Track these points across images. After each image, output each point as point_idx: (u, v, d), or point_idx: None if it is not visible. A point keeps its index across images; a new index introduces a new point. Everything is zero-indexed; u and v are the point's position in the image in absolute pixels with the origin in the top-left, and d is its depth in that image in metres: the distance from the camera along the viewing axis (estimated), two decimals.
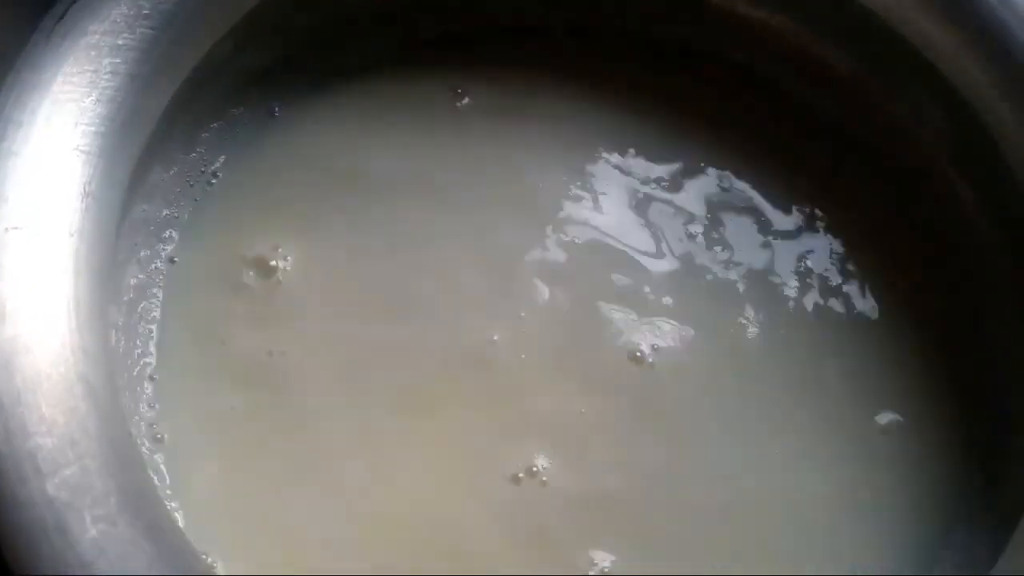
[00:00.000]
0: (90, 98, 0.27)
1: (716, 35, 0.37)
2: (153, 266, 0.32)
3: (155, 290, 0.32)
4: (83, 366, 0.24)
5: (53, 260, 0.25)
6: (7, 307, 0.23)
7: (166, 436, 0.28)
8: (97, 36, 0.28)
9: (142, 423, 0.28)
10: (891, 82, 0.34)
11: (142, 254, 0.32)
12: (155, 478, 0.26)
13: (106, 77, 0.28)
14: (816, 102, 0.36)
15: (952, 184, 0.34)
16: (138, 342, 0.30)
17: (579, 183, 0.35)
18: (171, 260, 0.32)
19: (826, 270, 0.34)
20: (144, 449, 0.27)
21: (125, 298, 0.31)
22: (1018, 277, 0.31)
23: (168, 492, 0.27)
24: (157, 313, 0.31)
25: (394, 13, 0.37)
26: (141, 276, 0.31)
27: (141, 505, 0.22)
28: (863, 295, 0.34)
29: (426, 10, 0.37)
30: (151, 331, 0.31)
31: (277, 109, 0.36)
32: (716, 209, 0.35)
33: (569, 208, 0.34)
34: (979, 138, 0.31)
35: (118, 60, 0.28)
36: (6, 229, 0.24)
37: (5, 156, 0.26)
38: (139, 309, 0.31)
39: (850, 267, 0.34)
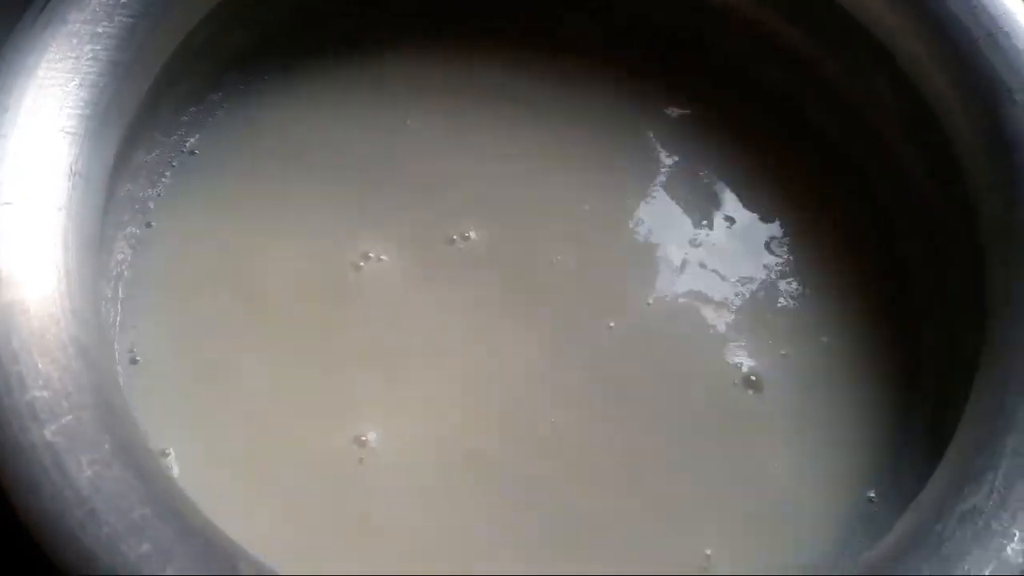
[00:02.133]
0: (73, 83, 0.29)
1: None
2: (139, 242, 0.34)
3: (142, 264, 0.34)
4: (74, 328, 0.25)
5: (43, 233, 0.26)
6: (3, 275, 0.25)
7: (151, 392, 0.30)
8: (78, 24, 0.30)
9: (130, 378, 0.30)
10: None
11: (128, 230, 0.33)
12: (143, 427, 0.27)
13: (88, 63, 0.29)
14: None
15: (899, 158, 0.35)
16: (123, 311, 0.32)
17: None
18: (155, 235, 0.34)
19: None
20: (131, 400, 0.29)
21: (114, 272, 0.33)
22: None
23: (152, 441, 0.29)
24: (143, 285, 0.33)
25: None
26: (128, 251, 0.33)
27: (131, 450, 0.24)
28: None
29: None
30: (136, 301, 0.33)
31: (254, 92, 0.37)
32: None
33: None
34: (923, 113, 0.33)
35: (99, 47, 0.30)
36: (1, 204, 0.26)
37: None
38: (125, 281, 0.33)
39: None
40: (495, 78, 0.38)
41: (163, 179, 0.35)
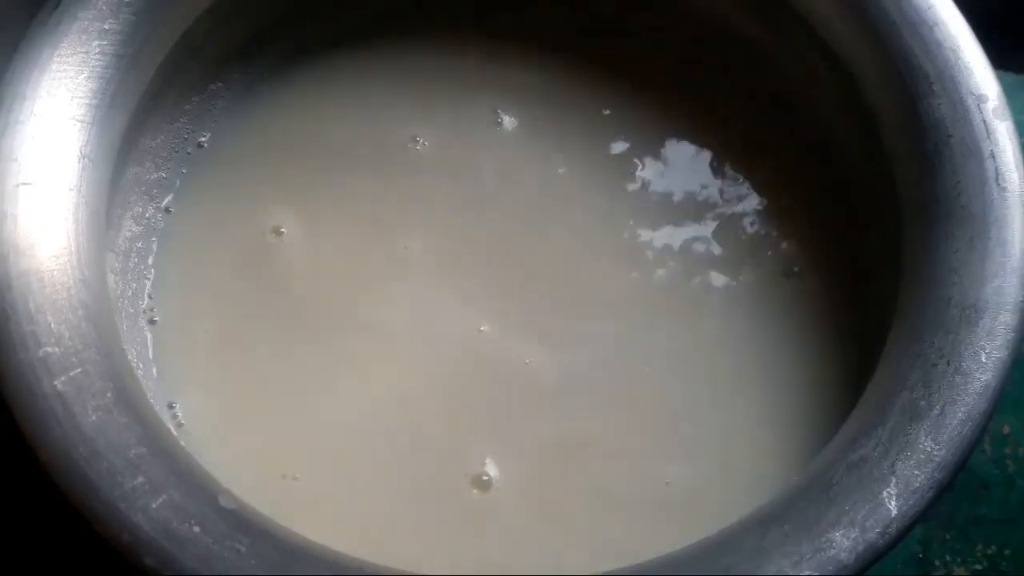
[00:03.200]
0: (82, 75, 0.32)
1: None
2: (146, 220, 0.37)
3: (150, 239, 0.37)
4: (83, 294, 0.29)
5: (56, 210, 0.30)
6: (21, 246, 0.28)
7: (159, 356, 0.34)
8: (87, 22, 0.32)
9: (140, 339, 0.34)
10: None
11: (136, 210, 0.37)
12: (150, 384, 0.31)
13: (96, 57, 0.32)
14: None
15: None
16: (133, 283, 0.36)
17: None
18: (166, 211, 0.38)
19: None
20: (134, 360, 0.32)
21: (122, 247, 0.36)
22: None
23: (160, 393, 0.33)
24: (151, 259, 0.37)
25: None
26: (136, 228, 0.37)
27: (130, 400, 0.27)
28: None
29: None
30: (146, 273, 0.36)
31: (253, 82, 0.41)
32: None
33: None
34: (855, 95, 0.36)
35: (105, 42, 0.32)
36: (17, 185, 0.29)
37: (12, 124, 0.30)
38: (134, 255, 0.36)
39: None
40: (485, 68, 0.41)
41: (168, 163, 0.38)
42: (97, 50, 0.33)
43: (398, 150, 0.39)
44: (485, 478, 0.33)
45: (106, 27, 0.33)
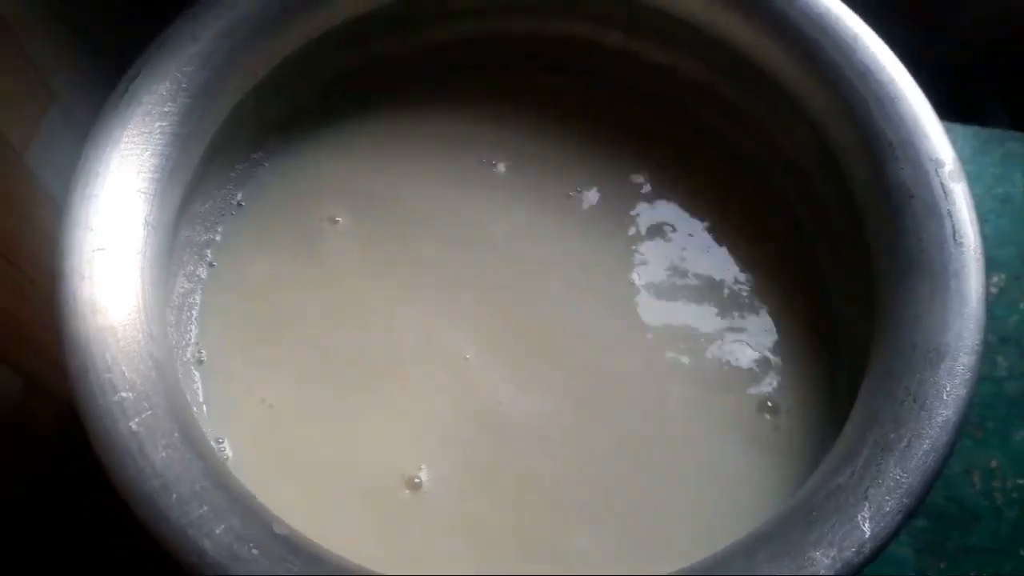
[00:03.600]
0: (147, 153, 0.36)
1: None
2: (196, 277, 0.42)
3: (197, 295, 0.41)
4: (151, 346, 0.33)
5: (126, 272, 0.33)
6: (98, 304, 0.32)
7: (208, 397, 0.38)
8: (150, 106, 0.36)
9: (192, 384, 0.38)
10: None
11: (187, 268, 0.41)
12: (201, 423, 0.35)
13: (157, 136, 0.36)
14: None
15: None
16: (185, 333, 0.40)
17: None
18: (210, 266, 0.42)
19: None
20: (192, 403, 0.36)
21: (176, 302, 0.40)
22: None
23: (210, 430, 0.37)
24: (196, 311, 0.41)
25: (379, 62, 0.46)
26: (187, 284, 0.41)
27: (194, 440, 0.31)
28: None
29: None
30: (194, 324, 0.41)
31: (291, 151, 0.45)
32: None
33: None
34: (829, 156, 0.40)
35: (165, 123, 0.36)
36: (94, 250, 0.33)
37: (88, 198, 0.34)
38: (185, 308, 0.40)
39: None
40: (485, 128, 0.46)
41: (216, 226, 0.43)
42: (159, 130, 0.37)
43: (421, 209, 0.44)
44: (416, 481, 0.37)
45: (166, 110, 0.37)
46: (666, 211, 0.44)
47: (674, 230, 0.43)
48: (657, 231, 0.43)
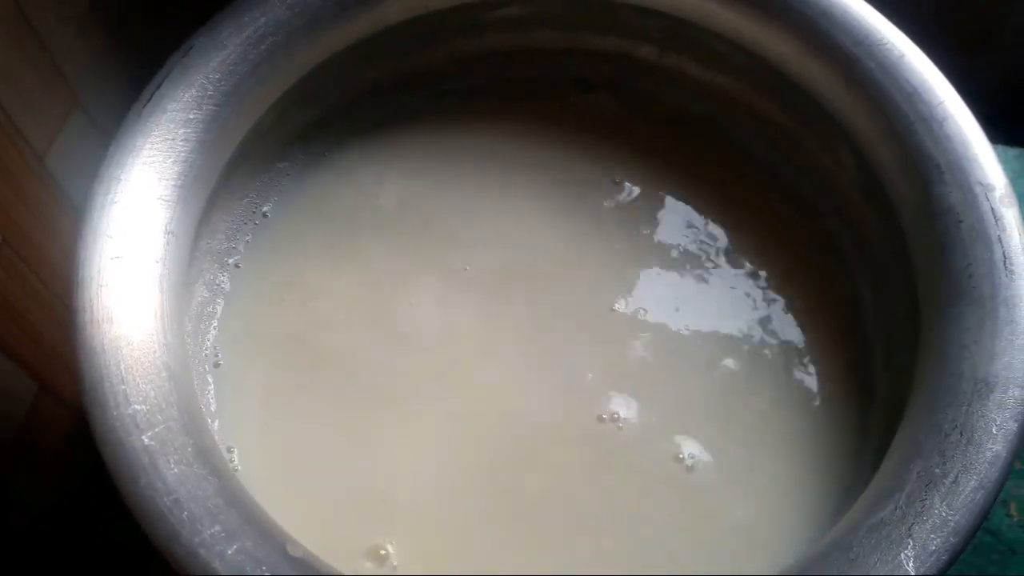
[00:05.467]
0: (169, 160, 0.35)
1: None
2: (216, 286, 0.41)
3: (216, 303, 0.41)
4: (166, 357, 0.32)
5: (144, 281, 0.33)
6: (114, 313, 0.32)
7: (221, 407, 0.37)
8: (174, 113, 0.36)
9: (207, 396, 0.37)
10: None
11: (207, 277, 0.40)
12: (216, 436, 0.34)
13: (180, 144, 0.36)
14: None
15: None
16: (201, 342, 0.39)
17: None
18: (232, 275, 0.41)
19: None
20: (208, 414, 0.35)
21: (194, 312, 0.40)
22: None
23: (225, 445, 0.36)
24: (215, 321, 0.40)
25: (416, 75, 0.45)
26: (206, 293, 0.40)
27: (208, 455, 0.30)
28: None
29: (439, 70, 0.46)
30: (211, 333, 0.40)
31: (313, 161, 0.45)
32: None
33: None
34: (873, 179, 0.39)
35: (189, 131, 0.36)
36: (111, 258, 0.33)
37: (109, 204, 0.34)
38: (204, 318, 0.40)
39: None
40: (516, 144, 0.45)
41: (238, 235, 0.42)
42: (182, 137, 0.36)
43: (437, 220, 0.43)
44: None
45: (191, 117, 0.37)
46: (695, 235, 0.42)
47: (705, 256, 0.42)
48: (687, 256, 0.42)
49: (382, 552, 0.34)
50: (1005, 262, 0.32)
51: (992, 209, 0.33)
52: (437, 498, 0.36)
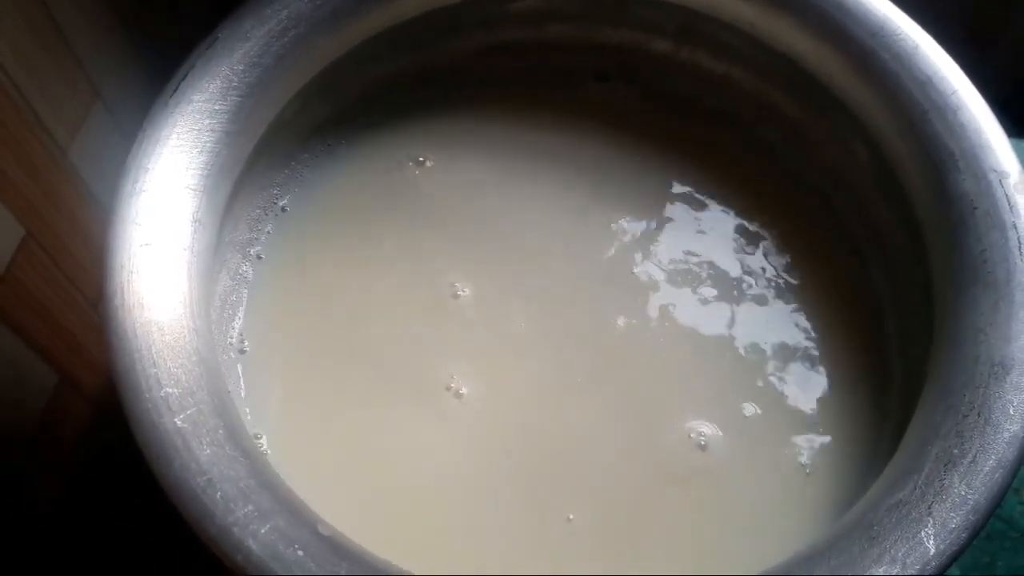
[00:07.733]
0: (196, 150, 0.36)
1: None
2: (239, 274, 0.41)
3: (241, 291, 0.41)
4: (196, 342, 0.32)
5: (173, 267, 0.33)
6: (144, 299, 0.32)
7: (249, 393, 0.38)
8: (200, 104, 0.37)
9: (236, 383, 0.38)
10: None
11: (231, 266, 0.41)
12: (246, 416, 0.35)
13: (207, 134, 0.36)
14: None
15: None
16: (227, 329, 0.40)
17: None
18: (255, 264, 0.42)
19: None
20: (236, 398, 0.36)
21: (219, 300, 0.40)
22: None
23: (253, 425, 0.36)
24: (241, 309, 0.41)
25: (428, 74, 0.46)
26: (229, 282, 0.41)
27: (238, 437, 0.31)
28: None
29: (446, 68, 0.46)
30: (236, 321, 0.40)
31: (334, 152, 0.45)
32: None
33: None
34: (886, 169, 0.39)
35: (215, 121, 0.37)
36: (141, 245, 0.33)
37: (138, 193, 0.34)
38: (228, 306, 0.40)
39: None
40: (533, 134, 0.46)
41: (260, 224, 0.43)
42: (208, 128, 0.37)
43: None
44: None
45: (216, 108, 0.37)
46: (713, 224, 0.43)
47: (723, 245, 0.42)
48: (705, 243, 0.43)
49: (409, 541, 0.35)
50: (1020, 247, 0.32)
51: (1006, 195, 0.33)
52: (463, 488, 0.36)
